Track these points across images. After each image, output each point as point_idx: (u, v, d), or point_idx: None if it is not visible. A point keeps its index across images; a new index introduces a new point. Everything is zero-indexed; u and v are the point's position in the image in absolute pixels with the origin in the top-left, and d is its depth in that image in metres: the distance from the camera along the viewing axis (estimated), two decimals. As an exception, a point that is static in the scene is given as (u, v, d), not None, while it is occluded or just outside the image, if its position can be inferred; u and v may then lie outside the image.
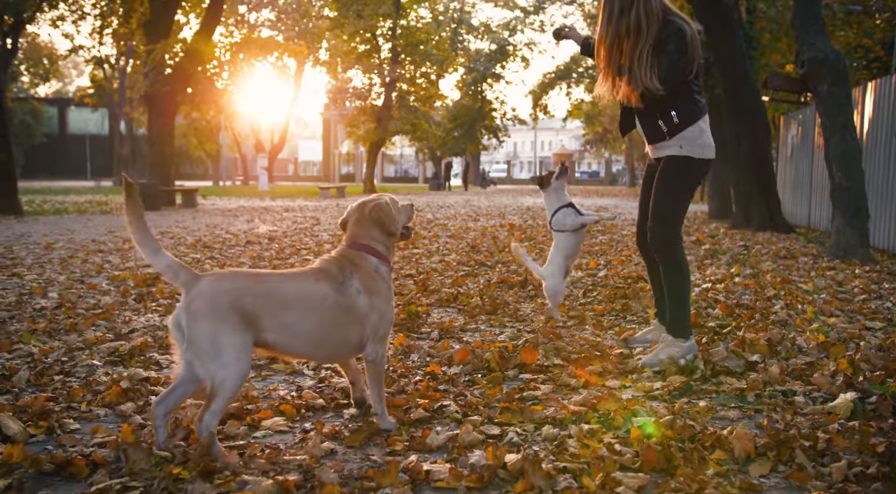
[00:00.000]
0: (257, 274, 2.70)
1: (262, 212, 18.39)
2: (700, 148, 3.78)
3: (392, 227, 2.94)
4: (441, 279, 6.72)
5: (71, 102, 64.71)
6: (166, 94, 19.99)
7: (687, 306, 3.82)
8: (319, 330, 2.69)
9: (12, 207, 16.10)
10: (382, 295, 2.83)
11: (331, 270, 2.78)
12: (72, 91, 78.28)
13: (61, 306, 5.39)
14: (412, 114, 34.30)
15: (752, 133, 13.14)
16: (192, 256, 8.45)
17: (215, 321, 2.46)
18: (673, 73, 3.60)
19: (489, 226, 13.28)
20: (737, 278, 6.63)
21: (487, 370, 3.68)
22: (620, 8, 3.67)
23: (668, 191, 3.84)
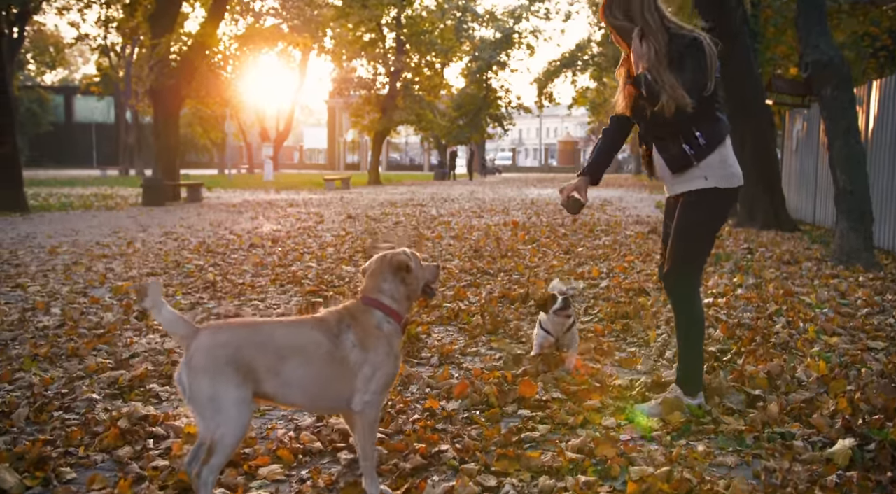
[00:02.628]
0: (254, 324, 2.71)
1: (267, 207, 18.40)
2: (727, 177, 3.45)
3: (410, 280, 2.88)
4: (443, 291, 6.71)
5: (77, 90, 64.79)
6: (171, 88, 19.95)
7: (700, 361, 3.58)
8: (314, 380, 2.69)
9: (17, 202, 16.14)
10: (380, 351, 2.77)
11: (328, 321, 2.78)
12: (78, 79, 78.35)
13: (63, 325, 5.41)
14: (417, 104, 34.21)
15: (756, 131, 13.07)
16: (196, 263, 8.46)
17: (214, 376, 2.48)
18: (699, 92, 3.30)
19: (493, 225, 13.26)
20: (739, 290, 6.61)
21: (486, 405, 3.68)
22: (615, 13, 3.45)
23: (690, 232, 3.50)
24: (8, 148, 15.94)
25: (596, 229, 12.41)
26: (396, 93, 34.42)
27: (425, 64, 35.85)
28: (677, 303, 3.57)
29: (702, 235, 3.54)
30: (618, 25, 3.46)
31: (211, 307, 6.11)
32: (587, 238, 11.13)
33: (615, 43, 3.62)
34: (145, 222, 13.97)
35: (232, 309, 5.95)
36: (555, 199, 21.73)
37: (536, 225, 13.25)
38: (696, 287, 3.57)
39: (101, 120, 67.30)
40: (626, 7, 3.41)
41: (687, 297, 3.53)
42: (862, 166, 8.61)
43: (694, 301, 3.53)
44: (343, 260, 8.70)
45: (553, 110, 64.18)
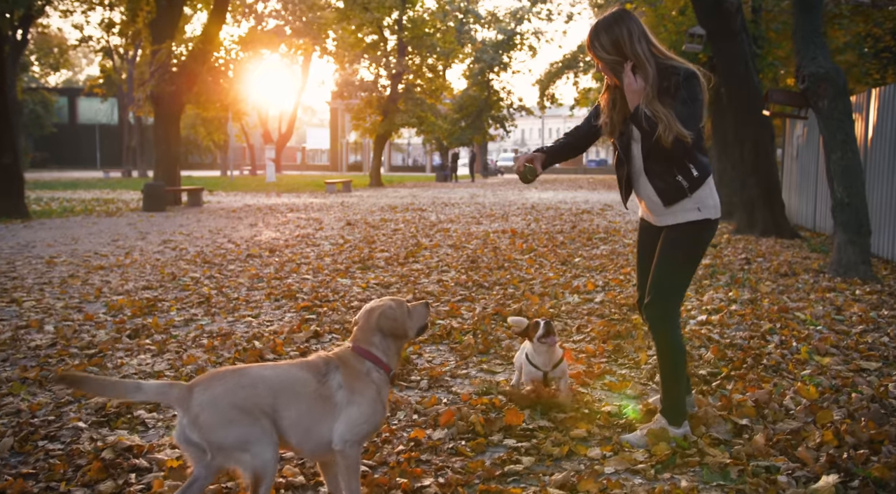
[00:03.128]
0: (240, 369, 2.76)
1: (267, 212, 18.41)
2: (715, 208, 3.48)
3: (399, 333, 2.96)
4: (437, 306, 6.71)
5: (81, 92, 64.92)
6: (172, 94, 20.00)
7: (681, 390, 3.54)
8: (302, 419, 2.72)
9: (18, 210, 16.21)
10: (367, 396, 2.81)
11: (316, 363, 2.85)
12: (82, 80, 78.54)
13: (55, 344, 5.42)
14: (418, 107, 34.21)
15: (755, 137, 13.05)
16: (192, 274, 8.47)
17: (230, 422, 2.57)
18: (696, 124, 3.28)
19: (491, 232, 13.25)
20: (734, 306, 6.59)
21: (473, 433, 3.67)
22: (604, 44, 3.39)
23: (678, 264, 3.50)
24: (9, 158, 16.00)
25: (594, 237, 12.40)
26: (398, 96, 34.45)
27: (427, 67, 35.84)
28: (660, 335, 3.54)
29: (689, 267, 3.55)
30: (608, 60, 3.40)
31: (204, 323, 6.12)
32: (585, 247, 11.12)
33: (601, 72, 3.56)
34: (145, 229, 13.99)
35: (225, 327, 5.95)
36: (554, 204, 21.72)
37: (535, 232, 13.24)
38: (677, 317, 3.57)
39: (105, 121, 67.48)
40: (614, 39, 3.36)
41: (670, 328, 3.51)
42: (859, 178, 8.59)
43: (676, 331, 3.53)
44: (339, 272, 8.69)
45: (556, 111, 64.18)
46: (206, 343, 5.39)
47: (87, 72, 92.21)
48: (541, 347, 4.05)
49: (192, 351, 5.22)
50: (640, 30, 3.37)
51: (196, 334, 5.73)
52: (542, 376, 4.07)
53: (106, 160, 62.65)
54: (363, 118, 35.16)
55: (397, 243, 11.58)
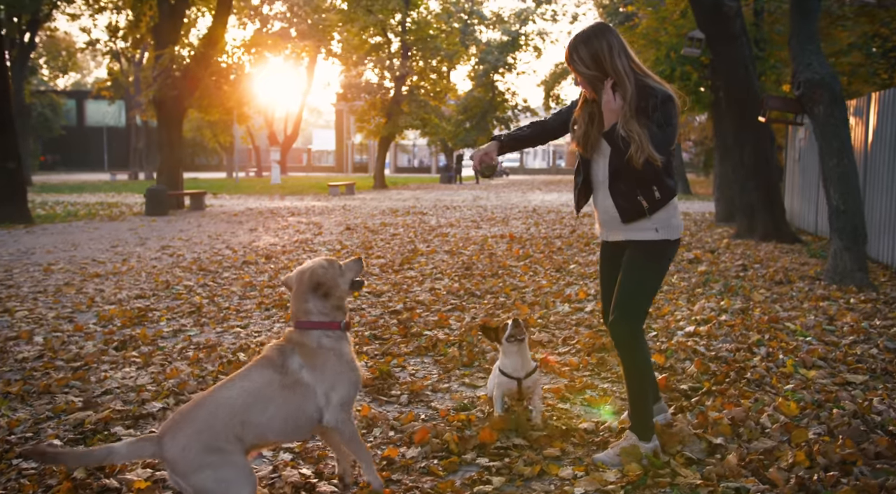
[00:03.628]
0: (205, 402, 2.79)
1: (268, 216, 18.44)
2: (676, 228, 3.50)
3: (333, 290, 3.05)
4: (426, 316, 6.71)
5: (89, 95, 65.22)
6: (174, 98, 20.06)
7: (649, 405, 3.56)
8: (281, 414, 2.86)
9: (22, 215, 16.29)
10: (330, 365, 2.95)
11: (270, 357, 2.95)
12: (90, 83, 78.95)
13: (42, 356, 5.44)
14: (422, 109, 34.21)
15: (755, 141, 13.00)
16: (186, 283, 8.49)
17: (204, 467, 2.66)
18: (667, 147, 3.28)
19: (490, 236, 13.24)
20: (724, 316, 6.56)
21: (446, 452, 3.67)
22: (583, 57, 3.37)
23: (639, 282, 3.50)
24: (13, 163, 16.09)
25: (592, 242, 12.37)
26: (402, 98, 34.47)
27: (430, 69, 35.85)
28: (625, 352, 3.54)
29: (651, 286, 3.55)
30: (587, 75, 3.38)
31: (193, 334, 6.13)
32: (582, 253, 11.09)
33: (579, 85, 3.53)
34: (145, 234, 14.03)
35: (212, 338, 5.96)
36: (556, 207, 21.69)
37: (534, 237, 13.23)
38: (641, 334, 3.58)
39: (113, 124, 67.77)
40: (593, 52, 3.33)
41: (635, 345, 3.51)
42: (855, 185, 8.55)
43: (641, 348, 3.54)
44: (333, 279, 8.69)
45: (562, 112, 64.11)
46: (192, 355, 5.41)
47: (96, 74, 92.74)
48: (511, 348, 4.00)
49: (178, 363, 5.23)
50: (619, 44, 3.35)
51: (183, 345, 5.75)
52: (515, 386, 4.00)
53: (114, 162, 62.91)
54: (367, 120, 35.20)
55: (394, 249, 11.58)
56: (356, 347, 5.66)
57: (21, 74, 40.44)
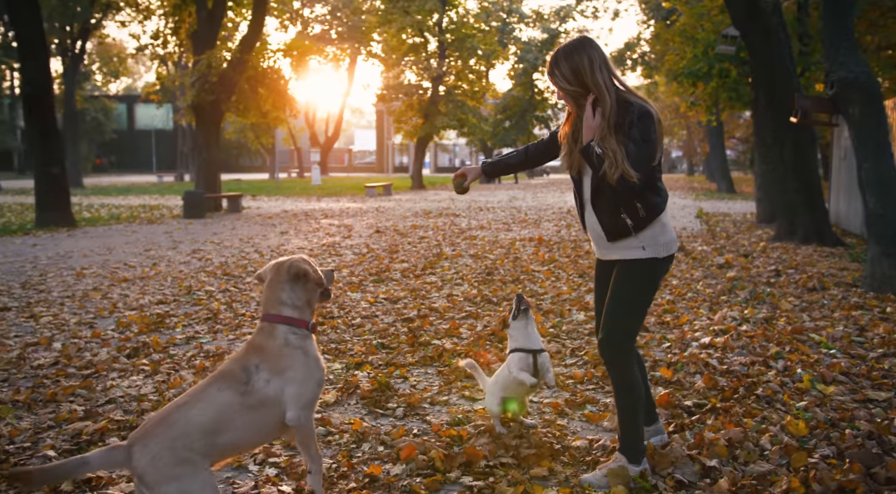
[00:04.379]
0: (167, 419, 2.76)
1: (302, 219, 18.59)
2: (664, 246, 3.40)
3: (311, 289, 3.06)
4: (438, 324, 6.65)
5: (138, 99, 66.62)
6: (212, 103, 20.34)
7: (639, 427, 3.47)
8: (246, 433, 2.86)
9: (65, 219, 16.69)
10: (297, 365, 2.93)
11: (233, 371, 2.89)
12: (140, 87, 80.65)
13: (57, 363, 5.53)
14: (459, 109, 34.16)
15: (795, 139, 12.66)
16: (208, 288, 8.57)
17: (170, 481, 2.63)
18: (644, 164, 3.19)
19: (518, 239, 13.14)
20: (745, 326, 6.38)
21: (432, 470, 3.61)
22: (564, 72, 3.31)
23: (628, 301, 3.42)
24: (57, 168, 16.49)
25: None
26: (438, 99, 34.46)
27: (468, 69, 35.77)
28: (614, 372, 3.47)
29: (638, 304, 3.46)
30: (569, 90, 3.31)
31: (205, 342, 6.17)
32: (610, 257, 10.91)
33: (562, 99, 3.47)
34: (179, 238, 14.25)
35: (223, 346, 6.00)
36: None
37: (563, 240, 13.08)
38: (631, 353, 3.49)
39: (161, 126, 69.07)
40: (573, 67, 3.26)
41: (623, 365, 3.43)
42: (893, 187, 8.25)
43: (631, 369, 3.45)
44: (352, 285, 8.71)
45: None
46: (198, 364, 5.44)
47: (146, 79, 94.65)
48: (519, 324, 4.01)
49: (184, 372, 5.26)
50: (601, 58, 3.27)
51: (193, 353, 5.79)
52: (531, 360, 3.90)
53: (161, 164, 64.11)
54: (405, 121, 35.28)
55: (419, 253, 11.55)
56: (362, 357, 5.64)
57: (73, 81, 41.47)
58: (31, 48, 16.10)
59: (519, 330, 4.03)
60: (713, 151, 33.16)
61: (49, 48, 16.59)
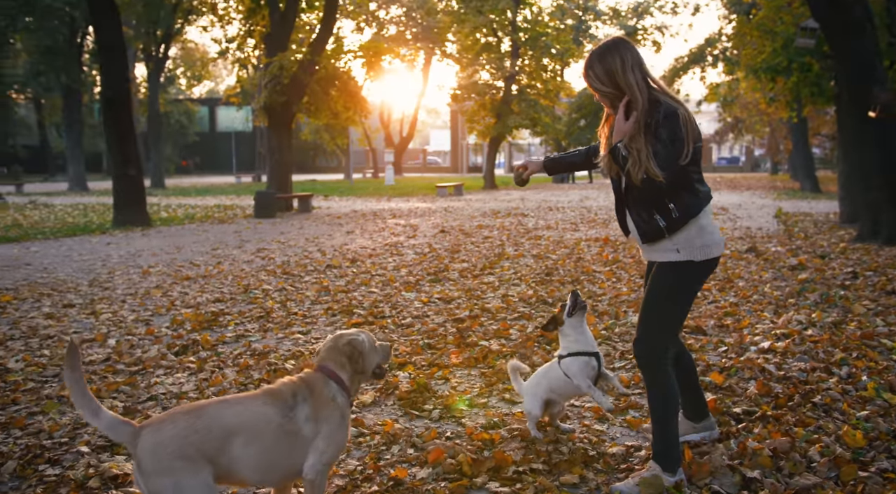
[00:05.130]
0: (197, 410, 2.69)
1: (370, 218, 18.72)
2: (701, 249, 3.28)
3: (361, 366, 2.99)
4: (489, 325, 6.53)
5: (219, 102, 68.55)
6: (283, 105, 20.68)
7: (674, 435, 3.32)
8: (264, 456, 2.72)
9: (141, 219, 17.22)
10: (333, 423, 2.85)
11: (283, 393, 2.83)
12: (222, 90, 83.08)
13: (108, 359, 5.64)
14: (531, 108, 33.86)
15: (880, 135, 12.01)
16: (265, 286, 8.65)
17: (169, 474, 2.52)
18: (670, 165, 3.12)
19: (584, 240, 12.87)
20: (810, 330, 6.03)
21: (459, 474, 3.50)
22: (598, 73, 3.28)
23: (660, 303, 3.35)
24: (133, 170, 17.03)
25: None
26: (511, 98, 34.24)
27: (541, 68, 35.42)
28: (647, 373, 3.37)
29: (672, 306, 3.37)
30: (604, 92, 3.28)
31: (253, 340, 6.21)
32: (676, 257, 10.57)
33: (599, 101, 3.44)
34: (247, 237, 14.50)
35: (271, 345, 6.02)
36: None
37: (630, 240, 12.72)
38: (666, 357, 3.34)
39: (241, 129, 70.82)
40: (607, 68, 3.23)
41: (656, 368, 3.32)
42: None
43: (665, 372, 3.32)
44: (408, 285, 8.65)
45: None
46: (243, 362, 5.46)
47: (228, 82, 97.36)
48: (576, 322, 3.84)
49: (227, 370, 5.29)
50: (634, 59, 3.24)
51: (241, 351, 5.83)
52: (596, 363, 3.75)
53: (241, 165, 65.72)
54: (477, 120, 35.19)
55: (481, 253, 11.44)
56: (406, 357, 5.58)
57: (156, 85, 42.90)
58: (110, 53, 16.67)
59: (575, 329, 3.86)
60: (796, 149, 31.92)
61: (126, 53, 17.10)
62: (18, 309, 7.49)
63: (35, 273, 9.96)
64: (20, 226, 16.85)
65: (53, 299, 8.03)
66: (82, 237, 14.78)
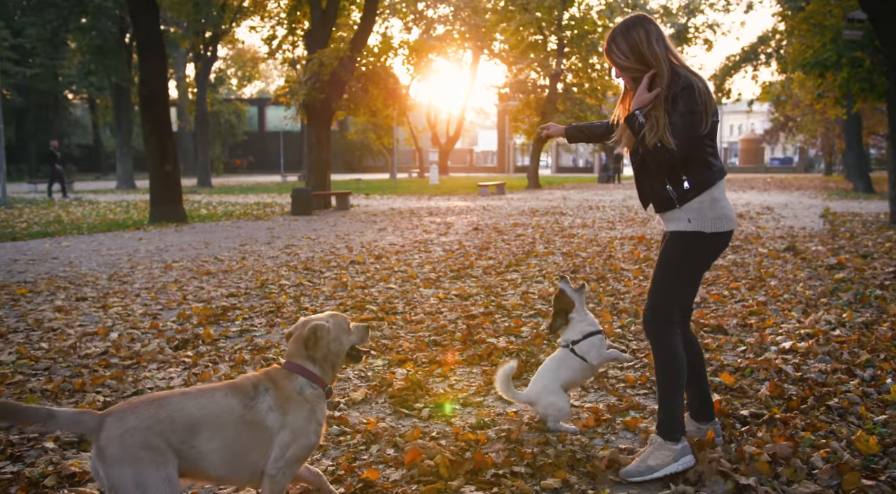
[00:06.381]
0: (161, 400, 2.60)
1: (408, 215, 18.60)
2: (712, 221, 3.30)
3: (322, 353, 2.86)
4: (502, 322, 6.31)
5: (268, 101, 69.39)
6: (322, 102, 20.69)
7: (679, 403, 3.35)
8: (228, 449, 2.62)
9: (177, 215, 17.35)
10: (300, 416, 2.74)
11: (244, 386, 2.75)
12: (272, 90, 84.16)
13: (106, 353, 5.56)
14: (577, 107, 33.39)
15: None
16: (283, 281, 8.55)
17: (132, 463, 2.43)
18: (685, 135, 3.15)
19: (618, 238, 12.53)
20: (837, 331, 5.67)
21: (435, 476, 3.30)
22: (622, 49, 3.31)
23: (669, 272, 3.40)
24: (171, 167, 17.19)
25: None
26: (556, 97, 33.82)
27: (588, 66, 34.91)
28: (653, 342, 3.41)
29: (680, 277, 3.40)
30: (627, 67, 3.33)
31: (257, 335, 6.09)
32: (710, 256, 10.19)
33: (618, 77, 3.49)
34: (278, 233, 14.48)
35: (273, 339, 5.89)
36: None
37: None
38: (672, 329, 3.37)
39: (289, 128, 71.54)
40: (631, 43, 3.27)
41: (662, 339, 3.36)
42: None
43: (671, 343, 3.35)
44: (428, 281, 8.47)
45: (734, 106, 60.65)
46: (239, 357, 5.33)
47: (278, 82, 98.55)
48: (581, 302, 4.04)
49: (222, 365, 5.17)
50: (657, 32, 3.29)
51: (241, 346, 5.71)
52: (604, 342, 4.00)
53: (289, 164, 66.37)
54: (521, 119, 34.87)
55: (510, 250, 11.19)
56: (408, 354, 5.39)
57: (204, 85, 43.45)
58: (148, 50, 16.84)
59: (579, 312, 4.00)
60: (850, 148, 30.84)
61: (164, 50, 17.25)
62: (31, 302, 7.50)
63: (59, 267, 10.03)
64: (60, 222, 17.12)
65: (68, 292, 8.03)
66: (116, 233, 14.92)
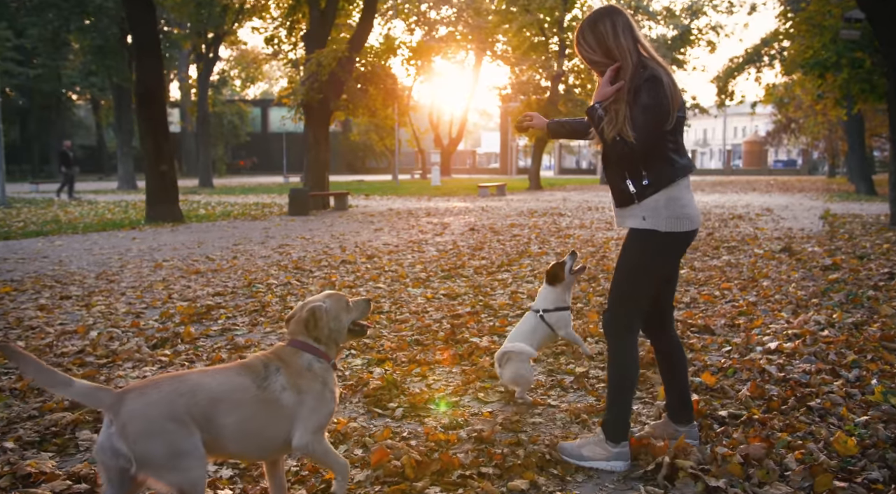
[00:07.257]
0: (178, 377, 2.61)
1: (405, 216, 18.53)
2: (667, 220, 3.19)
3: (323, 332, 2.86)
4: (487, 321, 6.23)
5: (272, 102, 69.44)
6: (320, 102, 20.63)
7: (627, 406, 3.32)
8: (245, 424, 2.62)
9: (173, 215, 17.30)
10: (314, 391, 2.77)
11: (255, 365, 2.75)
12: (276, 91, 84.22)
13: (82, 351, 5.48)
14: (579, 109, 33.29)
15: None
16: (271, 281, 8.48)
17: (162, 434, 2.42)
18: (645, 129, 3.06)
19: (613, 239, 12.45)
20: (825, 331, 5.58)
21: (400, 477, 3.22)
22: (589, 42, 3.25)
23: (625, 271, 3.34)
24: (165, 167, 17.13)
25: (722, 246, 11.29)
26: (557, 98, 33.75)
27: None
28: (609, 341, 3.40)
29: (637, 277, 3.31)
30: (595, 60, 3.25)
31: (238, 334, 6.01)
32: (705, 257, 10.12)
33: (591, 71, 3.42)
34: (273, 233, 14.42)
35: (254, 339, 5.81)
36: (709, 208, 20.30)
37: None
38: (629, 330, 3.32)
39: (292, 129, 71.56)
40: (598, 35, 3.21)
41: (616, 344, 3.34)
42: None
43: (626, 345, 3.32)
44: (418, 281, 8.39)
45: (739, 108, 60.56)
46: (216, 356, 5.26)
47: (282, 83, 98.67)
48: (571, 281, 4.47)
49: (198, 364, 5.09)
50: (625, 24, 3.22)
51: (221, 345, 5.63)
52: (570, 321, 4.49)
53: (292, 165, 66.42)
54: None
55: (504, 250, 11.11)
56: (388, 353, 5.31)
57: (205, 85, 43.42)
58: (145, 49, 16.80)
59: (566, 288, 4.44)
60: (852, 150, 30.69)
61: (160, 50, 17.20)
62: (14, 301, 7.42)
63: (48, 265, 9.96)
64: (58, 222, 17.08)
65: (53, 291, 7.96)
66: (111, 232, 14.85)
